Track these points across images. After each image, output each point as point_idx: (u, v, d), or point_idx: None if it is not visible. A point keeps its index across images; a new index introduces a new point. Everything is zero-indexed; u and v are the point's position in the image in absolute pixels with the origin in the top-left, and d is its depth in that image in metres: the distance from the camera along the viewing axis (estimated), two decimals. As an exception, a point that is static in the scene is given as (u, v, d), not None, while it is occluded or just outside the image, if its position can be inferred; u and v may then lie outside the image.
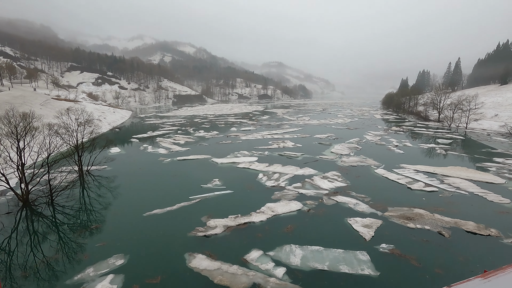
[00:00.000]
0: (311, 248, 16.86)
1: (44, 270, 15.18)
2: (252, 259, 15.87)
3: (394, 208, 22.93)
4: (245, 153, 42.34)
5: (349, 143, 50.83)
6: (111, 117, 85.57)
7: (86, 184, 29.85)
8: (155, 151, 44.56)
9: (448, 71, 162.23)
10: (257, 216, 21.36)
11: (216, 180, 29.73)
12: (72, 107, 72.83)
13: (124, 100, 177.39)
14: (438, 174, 32.26)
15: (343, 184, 28.70)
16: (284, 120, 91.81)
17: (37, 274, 14.83)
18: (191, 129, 70.27)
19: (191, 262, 15.60)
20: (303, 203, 23.72)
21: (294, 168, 34.16)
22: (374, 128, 73.13)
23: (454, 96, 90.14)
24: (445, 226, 19.78)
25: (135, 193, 27.03)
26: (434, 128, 73.55)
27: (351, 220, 20.68)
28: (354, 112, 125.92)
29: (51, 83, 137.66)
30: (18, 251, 17.20)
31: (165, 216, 21.58)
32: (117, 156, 41.65)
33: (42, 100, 66.97)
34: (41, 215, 22.42)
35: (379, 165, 35.97)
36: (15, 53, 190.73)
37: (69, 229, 20.15)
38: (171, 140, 53.59)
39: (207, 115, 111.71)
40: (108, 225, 20.59)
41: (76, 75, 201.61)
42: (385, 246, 17.13)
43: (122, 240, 18.10)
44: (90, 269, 15.02)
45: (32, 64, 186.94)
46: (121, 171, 33.72)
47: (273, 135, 59.65)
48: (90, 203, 25.10)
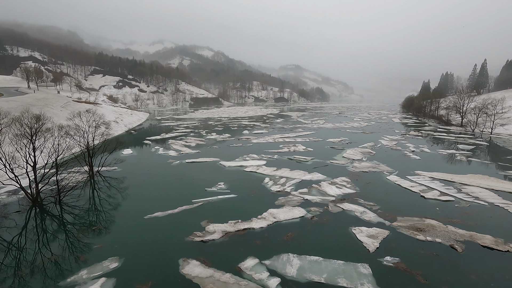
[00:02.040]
0: (310, 258, 16.08)
1: (38, 270, 15.37)
2: (247, 267, 15.33)
3: (404, 218, 21.64)
4: (254, 157, 41.88)
5: (363, 147, 49.18)
6: (128, 119, 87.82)
7: (95, 184, 30.44)
8: (165, 153, 45.04)
9: (473, 73, 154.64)
10: (257, 222, 20.80)
11: (221, 183, 29.45)
12: (91, 109, 75.44)
13: (143, 103, 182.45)
14: (456, 182, 30.34)
15: (351, 190, 27.57)
16: (298, 124, 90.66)
17: (30, 275, 15.03)
18: (204, 131, 70.77)
19: (184, 268, 15.28)
20: (307, 210, 22.91)
21: (302, 173, 33.31)
22: (391, 132, 70.57)
23: (478, 99, 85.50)
24: (459, 240, 18.36)
25: (139, 194, 27.22)
26: (456, 133, 69.96)
27: (355, 229, 19.67)
28: (371, 116, 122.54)
29: (74, 86, 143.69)
30: (16, 250, 17.58)
31: (166, 219, 21.47)
32: (129, 157, 42.41)
33: (63, 102, 69.79)
34: (48, 215, 22.97)
35: (392, 171, 34.40)
36: (43, 57, 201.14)
37: (70, 229, 20.45)
38: (183, 143, 54.07)
39: (221, 117, 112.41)
40: (108, 226, 20.72)
41: (99, 78, 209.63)
42: (390, 259, 16.06)
43: (119, 243, 18.11)
44: (84, 271, 15.03)
45: (58, 68, 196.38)
46: (130, 172, 34.21)
47: (285, 139, 58.84)
48: (95, 203, 25.49)
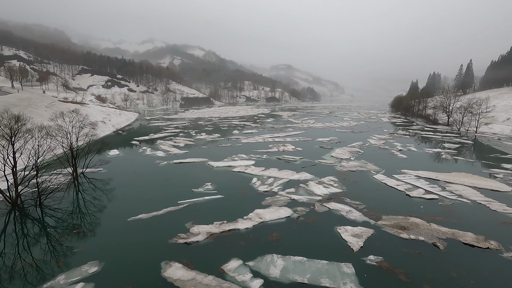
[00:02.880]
0: (294, 259, 16.01)
1: (15, 275, 14.83)
2: (230, 269, 15.15)
3: (388, 216, 21.82)
4: (243, 157, 41.69)
5: (351, 147, 49.56)
6: (116, 120, 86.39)
7: (79, 186, 29.70)
8: (153, 153, 44.39)
9: (459, 73, 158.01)
10: (243, 223, 20.63)
11: (208, 184, 29.17)
12: (77, 109, 73.89)
13: (133, 103, 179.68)
14: (441, 180, 30.83)
15: (338, 190, 27.67)
16: (288, 123, 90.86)
17: (8, 280, 14.47)
18: (194, 131, 70.15)
19: (166, 271, 15.00)
20: (293, 210, 22.86)
21: (290, 173, 33.29)
22: (379, 131, 71.41)
23: (464, 99, 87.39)
24: (441, 237, 18.60)
25: (124, 196, 26.71)
26: (442, 132, 71.28)
27: (341, 228, 19.71)
28: (361, 115, 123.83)
29: (61, 85, 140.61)
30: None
31: (150, 221, 21.09)
32: (115, 158, 41.64)
33: (48, 102, 68.11)
34: (28, 218, 22.28)
35: (379, 170, 34.73)
36: (28, 56, 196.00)
37: (51, 233, 19.87)
38: (171, 143, 53.44)
39: (212, 117, 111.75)
40: (90, 229, 20.22)
41: (87, 78, 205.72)
42: (373, 258, 16.13)
43: (100, 246, 17.67)
44: (62, 276, 14.59)
45: (44, 67, 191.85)
46: (116, 174, 33.56)
47: (275, 138, 58.82)
48: (78, 206, 24.86)
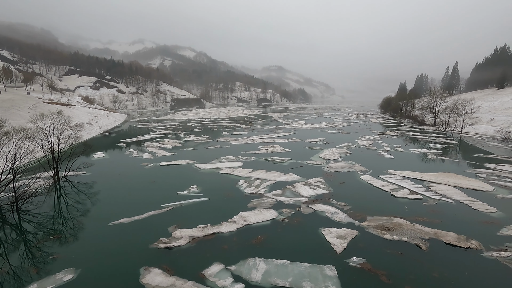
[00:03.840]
0: (276, 262, 15.79)
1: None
2: (211, 274, 14.82)
3: (373, 217, 21.85)
4: (231, 158, 41.37)
5: (340, 147, 49.81)
6: (104, 121, 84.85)
7: (60, 190, 28.85)
8: (139, 156, 43.62)
9: (446, 75, 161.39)
10: (227, 226, 20.33)
11: (194, 186, 28.74)
12: (63, 110, 72.23)
13: (122, 104, 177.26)
14: (426, 180, 31.16)
15: (325, 191, 27.64)
16: (278, 124, 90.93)
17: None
18: (182, 133, 69.42)
19: (145, 277, 14.57)
20: (279, 212, 22.68)
21: (277, 174, 33.15)
22: (368, 132, 72.11)
23: (450, 100, 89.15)
24: (424, 238, 18.69)
25: (106, 200, 26.03)
26: (429, 133, 72.48)
27: (325, 230, 19.61)
28: (350, 116, 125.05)
29: (47, 86, 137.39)
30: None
31: (131, 225, 20.55)
32: (100, 161, 40.73)
33: (31, 103, 66.33)
34: (4, 224, 21.41)
35: (366, 171, 34.92)
36: (13, 56, 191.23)
37: (26, 239, 19.14)
38: (159, 145, 52.68)
39: (202, 119, 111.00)
40: (69, 235, 19.57)
41: (74, 79, 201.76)
42: (356, 260, 16.05)
43: (78, 253, 17.09)
44: (34, 285, 13.99)
45: (30, 68, 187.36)
46: (99, 177, 32.75)
47: (264, 140, 58.69)
48: (59, 210, 24.11)
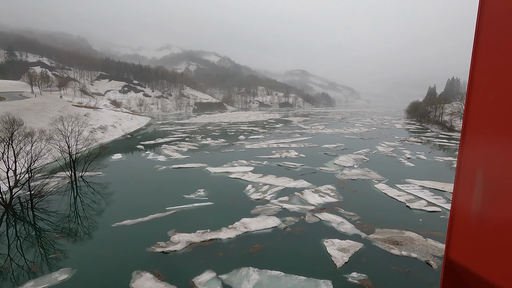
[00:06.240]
0: (270, 273, 15.12)
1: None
2: (201, 282, 14.46)
3: (382, 229, 20.48)
4: (243, 163, 41.09)
5: (357, 154, 47.90)
6: (127, 124, 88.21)
7: (75, 190, 30.04)
8: (154, 158, 44.62)
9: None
10: (226, 232, 19.93)
11: (201, 190, 28.70)
12: (89, 113, 76.08)
13: (147, 107, 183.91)
14: (447, 191, 28.92)
15: (334, 199, 26.46)
16: (296, 129, 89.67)
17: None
18: (200, 136, 70.39)
19: (135, 281, 14.50)
20: (282, 220, 21.94)
21: (287, 180, 32.34)
22: (390, 138, 68.95)
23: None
24: (436, 255, 17.15)
25: (114, 201, 26.64)
26: (457, 139, 67.81)
27: (327, 241, 18.61)
28: (374, 122, 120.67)
29: (79, 90, 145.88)
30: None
31: (133, 227, 20.77)
32: (116, 162, 42.12)
33: (61, 106, 70.46)
34: (16, 221, 22.54)
35: (382, 179, 33.13)
36: (51, 63, 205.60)
37: (34, 237, 19.93)
38: (175, 148, 53.67)
39: (221, 122, 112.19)
40: (72, 234, 20.14)
41: (105, 83, 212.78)
42: (356, 276, 14.98)
43: (77, 253, 17.47)
44: (31, 283, 14.39)
45: (65, 73, 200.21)
46: (113, 178, 33.75)
47: (280, 144, 57.93)
48: (69, 210, 24.97)
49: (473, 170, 1.20)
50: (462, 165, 1.27)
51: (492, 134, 1.21)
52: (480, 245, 1.22)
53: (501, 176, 1.16)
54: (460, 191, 1.31)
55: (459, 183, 1.32)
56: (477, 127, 1.22)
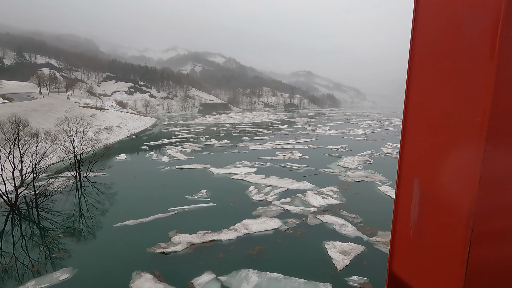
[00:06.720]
0: (270, 275, 15.04)
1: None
2: (200, 283, 14.45)
3: (385, 232, 20.22)
4: (246, 164, 41.08)
5: (362, 155, 47.50)
6: (133, 124, 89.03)
7: (79, 190, 30.36)
8: (158, 158, 44.90)
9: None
10: (227, 233, 19.91)
11: (203, 191, 28.75)
12: (96, 114, 76.99)
13: (153, 108, 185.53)
14: (452, 194, 28.46)
15: (336, 201, 26.26)
16: (301, 130, 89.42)
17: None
18: (204, 137, 70.67)
19: (135, 282, 14.55)
20: (283, 221, 21.83)
21: (290, 182, 32.21)
22: (395, 139, 68.21)
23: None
24: (440, 259, 16.84)
25: (117, 201, 26.86)
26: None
27: (329, 244, 18.45)
28: (379, 123, 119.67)
29: (86, 91, 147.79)
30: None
31: (135, 228, 20.89)
32: (121, 163, 42.49)
33: (67, 107, 71.44)
34: (21, 221, 22.86)
35: (386, 181, 32.77)
36: (59, 64, 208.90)
37: (38, 236, 20.17)
38: (179, 148, 53.95)
39: (226, 123, 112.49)
40: (75, 234, 20.33)
41: (111, 84, 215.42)
42: (357, 279, 14.81)
43: (79, 252, 17.63)
44: (32, 282, 14.56)
45: (73, 74, 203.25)
46: (117, 178, 34.05)
47: (283, 145, 57.80)
48: (73, 209, 25.24)
49: (411, 179, 1.15)
50: (401, 174, 1.22)
51: (426, 142, 1.17)
52: (418, 258, 1.17)
53: (433, 185, 1.13)
54: (401, 202, 1.26)
55: (399, 193, 1.27)
56: (414, 134, 1.16)
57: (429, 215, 1.08)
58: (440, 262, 1.06)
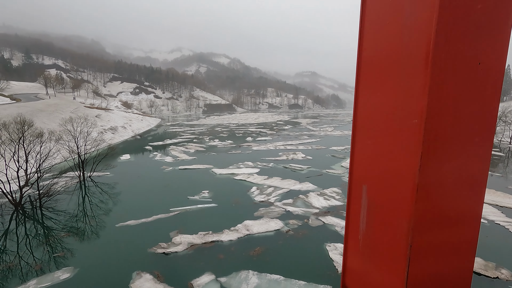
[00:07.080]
0: (270, 277, 14.95)
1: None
2: (199, 284, 14.42)
3: (388, 234, 19.98)
4: (249, 164, 41.06)
5: (366, 156, 47.11)
6: (137, 125, 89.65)
7: (84, 190, 30.62)
8: (161, 159, 45.11)
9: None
10: (228, 234, 19.87)
11: (205, 192, 28.79)
12: (101, 114, 77.70)
13: (158, 109, 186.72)
14: (457, 196, 28.06)
15: (339, 203, 26.05)
16: (305, 130, 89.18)
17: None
18: (208, 138, 70.87)
19: (134, 282, 14.58)
20: (285, 223, 21.72)
21: (292, 183, 32.09)
22: (400, 141, 67.58)
23: (499, 107, 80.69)
24: (443, 262, 16.57)
25: (120, 201, 27.01)
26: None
27: (330, 246, 18.28)
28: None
29: (91, 92, 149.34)
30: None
31: (136, 228, 20.98)
32: (124, 163, 42.77)
33: (73, 108, 72.20)
34: (25, 220, 23.11)
35: (389, 182, 32.42)
36: (66, 65, 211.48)
37: (41, 236, 20.36)
38: (183, 149, 54.16)
39: (230, 124, 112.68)
40: (77, 234, 20.47)
41: (117, 85, 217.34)
42: (357, 282, 14.63)
43: (80, 252, 17.74)
44: (34, 281, 14.67)
45: (79, 75, 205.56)
46: (120, 178, 34.29)
47: (287, 146, 57.68)
48: (76, 209, 25.43)
49: (360, 186, 1.10)
50: (352, 180, 1.16)
51: (373, 145, 1.12)
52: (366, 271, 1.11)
53: (379, 193, 1.08)
54: (352, 210, 1.21)
55: (350, 201, 1.21)
56: (363, 136, 1.11)
57: (375, 226, 1.04)
58: (384, 276, 1.01)
